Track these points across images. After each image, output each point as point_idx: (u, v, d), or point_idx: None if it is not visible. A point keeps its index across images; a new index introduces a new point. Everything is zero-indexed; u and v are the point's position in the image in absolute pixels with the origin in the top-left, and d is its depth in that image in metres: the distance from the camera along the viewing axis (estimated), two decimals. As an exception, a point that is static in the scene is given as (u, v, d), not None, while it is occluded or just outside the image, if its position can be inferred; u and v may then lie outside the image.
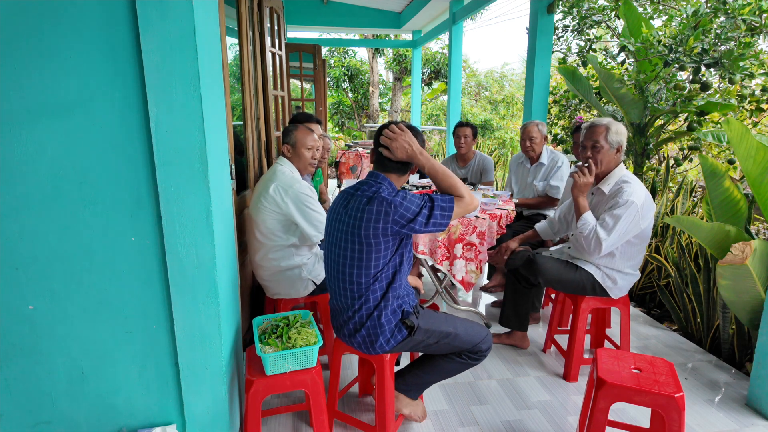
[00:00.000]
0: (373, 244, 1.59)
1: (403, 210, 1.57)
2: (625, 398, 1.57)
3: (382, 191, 1.61)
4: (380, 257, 1.62)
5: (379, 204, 1.57)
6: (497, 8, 26.47)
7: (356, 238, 1.60)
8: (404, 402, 1.92)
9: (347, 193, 1.72)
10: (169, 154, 1.34)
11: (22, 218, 1.33)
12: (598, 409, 1.61)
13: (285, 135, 2.28)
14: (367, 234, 1.58)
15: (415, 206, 1.59)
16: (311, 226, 2.13)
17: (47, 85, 1.28)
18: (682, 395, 1.51)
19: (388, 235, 1.59)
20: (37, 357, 1.41)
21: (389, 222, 1.57)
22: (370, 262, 1.61)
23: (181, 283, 1.42)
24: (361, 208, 1.60)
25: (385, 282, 1.65)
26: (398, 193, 1.61)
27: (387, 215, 1.56)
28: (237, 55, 2.50)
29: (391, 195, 1.60)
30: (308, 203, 2.12)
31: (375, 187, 1.64)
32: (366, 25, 8.15)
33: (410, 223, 1.58)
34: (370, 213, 1.57)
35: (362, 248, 1.60)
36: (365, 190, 1.64)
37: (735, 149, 2.42)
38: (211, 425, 1.55)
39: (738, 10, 3.00)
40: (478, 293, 3.55)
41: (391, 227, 1.57)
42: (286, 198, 2.08)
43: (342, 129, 13.17)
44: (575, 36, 4.19)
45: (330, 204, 3.45)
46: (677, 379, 1.61)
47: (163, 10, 1.26)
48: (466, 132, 3.68)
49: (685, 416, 2.08)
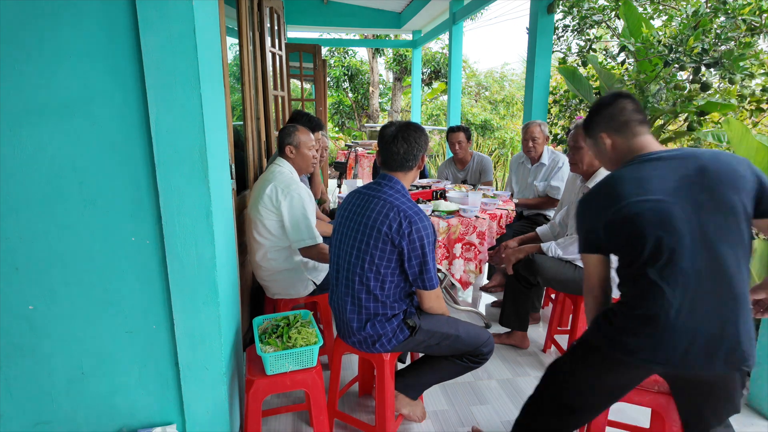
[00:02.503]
0: (380, 248, 1.63)
1: (419, 243, 1.61)
2: (624, 398, 1.57)
3: (411, 212, 1.62)
4: (388, 258, 1.64)
5: (407, 224, 1.60)
6: (497, 8, 26.48)
7: (370, 240, 1.63)
8: (404, 402, 1.92)
9: (361, 193, 1.74)
10: (169, 154, 1.34)
11: (22, 218, 1.33)
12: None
13: (286, 136, 2.28)
14: (378, 237, 1.61)
15: (428, 251, 1.64)
16: (296, 230, 2.10)
17: (47, 85, 1.28)
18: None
19: (394, 246, 1.62)
20: (37, 357, 1.41)
21: (405, 242, 1.60)
22: (383, 260, 1.63)
23: (181, 283, 1.42)
24: (384, 212, 1.63)
25: (390, 281, 1.66)
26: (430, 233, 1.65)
27: (409, 237, 1.60)
28: (237, 55, 2.50)
29: (423, 222, 1.63)
30: (302, 208, 2.11)
31: (393, 196, 1.67)
32: (366, 25, 8.15)
33: (413, 258, 1.62)
34: (393, 222, 1.60)
35: (376, 245, 1.62)
36: (386, 196, 1.67)
37: (735, 149, 2.42)
38: (211, 425, 1.55)
39: (738, 10, 3.00)
40: (478, 293, 3.55)
41: (399, 243, 1.61)
42: (281, 197, 2.08)
43: (342, 129, 13.17)
44: (575, 36, 4.19)
45: (329, 204, 3.46)
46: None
47: (163, 10, 1.26)
48: (460, 137, 3.65)
49: (685, 416, 2.08)
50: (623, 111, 1.40)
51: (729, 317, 1.22)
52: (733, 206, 1.23)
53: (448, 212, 2.82)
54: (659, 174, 1.29)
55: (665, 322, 1.23)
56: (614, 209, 1.30)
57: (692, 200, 1.24)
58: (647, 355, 1.25)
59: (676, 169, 1.28)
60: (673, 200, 1.25)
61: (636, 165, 1.34)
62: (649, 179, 1.29)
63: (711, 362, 1.23)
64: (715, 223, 1.23)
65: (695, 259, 1.23)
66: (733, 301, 1.23)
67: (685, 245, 1.23)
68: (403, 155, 1.68)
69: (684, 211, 1.24)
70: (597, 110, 1.46)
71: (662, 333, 1.23)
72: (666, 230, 1.24)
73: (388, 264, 1.63)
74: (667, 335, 1.23)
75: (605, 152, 1.46)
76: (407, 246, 1.60)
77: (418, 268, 1.64)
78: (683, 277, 1.23)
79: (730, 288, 1.23)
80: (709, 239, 1.23)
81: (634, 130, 1.39)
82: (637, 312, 1.28)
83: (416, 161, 1.72)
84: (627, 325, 1.29)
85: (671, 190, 1.26)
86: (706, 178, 1.25)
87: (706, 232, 1.23)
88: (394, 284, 1.67)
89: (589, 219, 1.39)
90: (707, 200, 1.24)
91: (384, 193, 1.67)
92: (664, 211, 1.25)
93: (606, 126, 1.43)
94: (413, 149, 1.69)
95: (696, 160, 1.28)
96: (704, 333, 1.22)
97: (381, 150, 1.72)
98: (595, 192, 1.39)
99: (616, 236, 1.32)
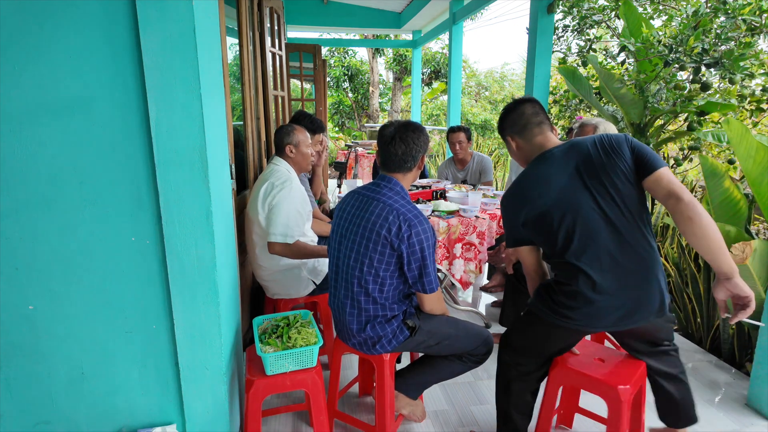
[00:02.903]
0: (379, 251, 1.61)
1: (419, 247, 1.60)
2: (575, 382, 1.64)
3: (410, 215, 1.61)
4: (387, 261, 1.63)
5: (407, 227, 1.58)
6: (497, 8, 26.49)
7: (369, 243, 1.62)
8: (404, 402, 1.92)
9: (361, 194, 1.72)
10: (169, 154, 1.34)
11: (22, 218, 1.33)
12: (548, 389, 1.71)
13: (285, 135, 2.29)
14: (377, 240, 1.60)
15: (428, 254, 1.63)
16: (278, 224, 2.05)
17: (47, 85, 1.28)
18: (626, 388, 1.54)
19: (393, 250, 1.61)
20: (37, 357, 1.41)
21: (404, 246, 1.59)
22: (381, 263, 1.62)
23: (181, 283, 1.42)
24: (383, 216, 1.61)
25: (389, 284, 1.66)
26: (430, 236, 1.63)
27: (410, 248, 1.59)
28: (237, 55, 2.50)
29: (422, 225, 1.61)
30: (296, 204, 2.10)
31: (393, 198, 1.64)
32: (366, 25, 8.14)
33: (413, 261, 1.61)
34: (392, 226, 1.59)
35: (375, 248, 1.61)
36: (386, 199, 1.65)
37: (735, 149, 2.42)
38: (211, 425, 1.55)
39: (738, 10, 3.00)
40: (478, 293, 3.55)
41: (399, 247, 1.59)
42: (274, 191, 2.09)
43: (342, 129, 13.16)
44: (575, 36, 4.18)
45: (328, 204, 3.46)
46: (639, 376, 1.64)
47: (163, 10, 1.26)
48: (460, 137, 3.65)
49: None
50: (522, 115, 1.60)
51: (644, 284, 1.46)
52: (619, 182, 1.44)
53: (448, 212, 2.82)
54: (555, 170, 1.50)
55: (592, 297, 1.46)
56: (526, 210, 1.52)
57: (586, 188, 1.45)
58: (582, 324, 1.51)
59: (568, 162, 1.49)
60: (571, 193, 1.46)
61: (536, 163, 1.56)
62: (548, 177, 1.50)
63: (636, 320, 1.49)
64: (610, 202, 1.44)
65: (603, 240, 1.44)
66: (645, 268, 1.46)
67: (591, 230, 1.44)
68: (401, 156, 1.66)
69: (582, 199, 1.45)
70: (504, 116, 1.66)
71: (591, 306, 1.47)
72: (571, 221, 1.45)
73: (387, 267, 1.62)
74: (594, 308, 1.47)
75: (514, 152, 1.67)
76: (407, 250, 1.59)
77: (417, 272, 1.63)
78: (597, 258, 1.45)
79: (639, 257, 1.45)
80: (610, 219, 1.44)
81: (533, 131, 1.59)
82: (567, 289, 1.50)
83: (415, 162, 1.70)
84: (562, 301, 1.52)
85: (567, 183, 1.47)
86: (592, 165, 1.46)
87: (605, 212, 1.44)
88: (393, 286, 1.66)
89: (508, 219, 1.61)
90: (598, 185, 1.44)
91: (383, 195, 1.66)
92: (565, 204, 1.46)
93: (510, 130, 1.64)
94: (412, 150, 1.67)
95: (580, 150, 1.49)
96: (626, 301, 1.46)
97: (380, 151, 1.70)
98: (510, 194, 1.60)
99: (533, 232, 1.55)
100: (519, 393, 1.71)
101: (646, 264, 1.45)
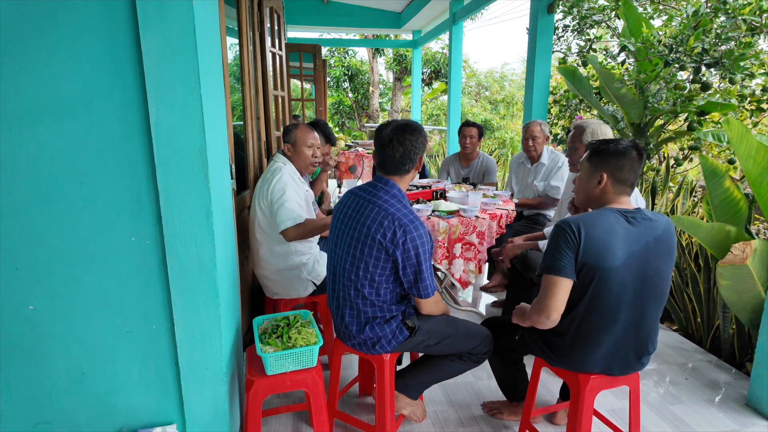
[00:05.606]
0: (374, 256, 1.60)
1: (413, 252, 1.58)
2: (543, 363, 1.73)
3: (405, 219, 1.58)
4: (383, 266, 1.62)
5: (401, 233, 1.56)
6: (497, 8, 26.49)
7: (365, 248, 1.60)
8: (404, 402, 1.92)
9: (357, 195, 1.70)
10: (169, 154, 1.34)
11: (22, 218, 1.33)
12: (535, 371, 1.79)
13: (285, 134, 2.29)
14: (372, 245, 1.59)
15: (423, 259, 1.61)
16: (281, 212, 2.07)
17: (47, 85, 1.28)
18: (587, 375, 1.58)
19: (388, 255, 1.59)
20: (37, 357, 1.41)
21: (398, 252, 1.57)
22: (377, 268, 1.61)
23: (181, 283, 1.42)
24: (378, 220, 1.59)
25: (386, 287, 1.65)
26: (426, 241, 1.61)
27: (405, 251, 1.58)
28: (237, 55, 2.50)
29: (418, 230, 1.59)
30: (290, 188, 2.11)
31: (389, 202, 1.62)
32: (366, 25, 8.15)
33: (408, 267, 1.60)
34: (387, 231, 1.57)
35: (371, 252, 1.60)
36: (381, 202, 1.62)
37: (735, 149, 2.42)
38: (211, 425, 1.55)
39: (738, 10, 3.00)
40: (478, 293, 3.55)
41: (393, 252, 1.58)
42: (265, 185, 2.11)
43: (342, 129, 13.17)
44: (575, 36, 4.19)
45: (329, 204, 3.46)
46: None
47: (163, 10, 1.26)
48: (472, 132, 3.66)
49: (688, 415, 2.08)
50: (631, 169, 1.53)
51: (641, 349, 1.56)
52: (665, 273, 1.51)
53: (448, 212, 2.82)
54: (623, 238, 1.46)
55: (595, 358, 1.54)
56: (580, 255, 1.45)
57: (640, 270, 1.47)
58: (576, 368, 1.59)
59: (638, 237, 1.47)
60: (624, 270, 1.45)
61: (608, 218, 1.48)
62: (614, 244, 1.45)
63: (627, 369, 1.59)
64: (648, 289, 1.48)
65: (624, 314, 1.48)
66: (646, 338, 1.55)
67: (619, 308, 1.47)
68: (399, 159, 1.63)
69: (629, 278, 1.46)
70: (613, 152, 1.54)
71: (590, 363, 1.55)
72: (607, 292, 1.46)
73: (382, 272, 1.61)
74: (593, 365, 1.56)
75: (593, 187, 1.58)
76: (401, 255, 1.57)
77: (413, 277, 1.61)
78: (611, 329, 1.49)
79: (644, 336, 1.54)
80: (640, 301, 1.48)
81: (626, 189, 1.55)
82: (576, 344, 1.55)
83: (413, 164, 1.67)
84: (567, 351, 1.57)
85: (626, 258, 1.45)
86: (657, 249, 1.48)
87: (640, 292, 1.48)
88: (389, 289, 1.65)
89: (564, 249, 1.48)
90: (651, 270, 1.48)
91: (379, 198, 1.63)
92: (612, 278, 1.44)
93: (612, 170, 1.54)
94: (410, 153, 1.63)
95: (653, 230, 1.49)
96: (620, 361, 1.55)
97: (377, 152, 1.67)
98: (569, 230, 1.48)
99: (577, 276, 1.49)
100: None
101: (650, 339, 1.58)
